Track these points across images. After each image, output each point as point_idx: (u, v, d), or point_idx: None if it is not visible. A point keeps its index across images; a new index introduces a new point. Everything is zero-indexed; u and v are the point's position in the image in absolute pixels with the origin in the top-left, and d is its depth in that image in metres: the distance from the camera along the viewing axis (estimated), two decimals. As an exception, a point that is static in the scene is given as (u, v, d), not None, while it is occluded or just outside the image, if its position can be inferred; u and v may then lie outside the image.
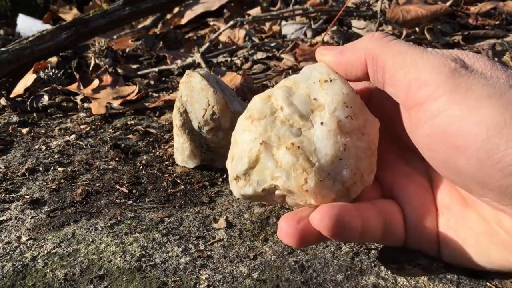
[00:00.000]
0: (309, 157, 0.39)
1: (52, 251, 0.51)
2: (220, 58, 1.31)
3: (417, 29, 1.36)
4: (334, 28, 1.41)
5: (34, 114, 0.93)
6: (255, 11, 1.72)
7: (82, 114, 0.95)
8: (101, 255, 0.50)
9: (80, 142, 0.80)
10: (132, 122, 0.90)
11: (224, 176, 0.67)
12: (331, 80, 0.42)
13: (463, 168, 0.34)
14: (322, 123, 0.40)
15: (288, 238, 0.39)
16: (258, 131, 0.41)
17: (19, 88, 1.03)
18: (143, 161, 0.72)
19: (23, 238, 0.54)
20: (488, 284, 0.44)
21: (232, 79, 1.04)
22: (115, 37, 1.57)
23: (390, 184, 0.46)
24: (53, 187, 0.65)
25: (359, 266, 0.47)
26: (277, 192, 0.41)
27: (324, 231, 0.37)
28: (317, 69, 0.43)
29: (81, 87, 1.05)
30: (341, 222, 0.37)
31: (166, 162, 0.72)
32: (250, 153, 0.41)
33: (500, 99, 0.32)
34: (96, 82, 1.07)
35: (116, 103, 0.97)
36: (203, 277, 0.46)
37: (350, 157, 0.39)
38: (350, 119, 0.40)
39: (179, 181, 0.66)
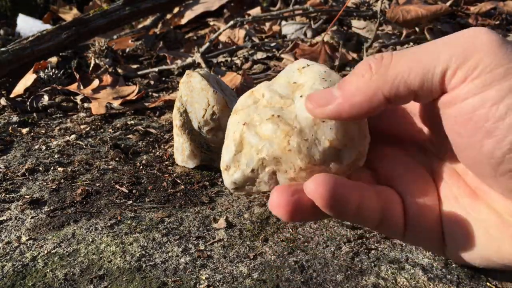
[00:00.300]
0: (290, 122, 0.39)
1: (52, 251, 0.51)
2: (220, 58, 1.31)
3: (417, 29, 1.36)
4: (334, 28, 1.41)
5: (34, 114, 0.94)
6: (255, 11, 1.72)
7: (82, 114, 0.95)
8: (101, 255, 0.50)
9: (80, 142, 0.80)
10: (132, 122, 0.90)
11: (224, 176, 0.67)
12: (308, 66, 0.42)
13: (488, 152, 0.33)
14: (301, 96, 0.40)
15: (280, 209, 0.37)
16: (241, 117, 0.42)
17: (19, 88, 1.03)
18: (143, 161, 0.72)
19: (23, 238, 0.54)
20: (488, 284, 0.44)
21: (232, 79, 1.04)
22: (115, 37, 1.57)
23: (388, 174, 0.43)
24: (53, 187, 0.65)
25: (359, 266, 0.47)
26: (266, 169, 0.40)
27: (318, 201, 0.35)
28: (296, 62, 0.44)
29: (81, 87, 1.05)
30: (337, 194, 0.35)
31: (166, 162, 0.72)
32: (234, 136, 0.41)
33: None
34: (96, 82, 1.07)
35: (116, 103, 0.97)
36: (203, 277, 0.46)
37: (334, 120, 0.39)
38: None
39: (179, 181, 0.66)
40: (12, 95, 1.02)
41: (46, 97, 1.01)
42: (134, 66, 1.29)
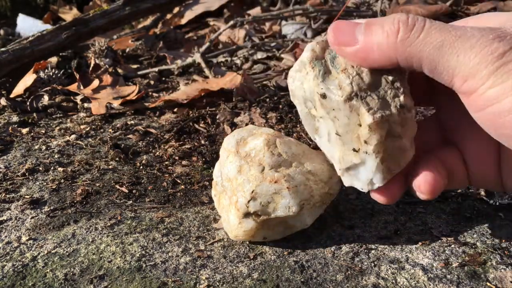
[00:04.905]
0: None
1: (52, 251, 0.51)
2: (220, 58, 1.31)
3: (417, 29, 1.36)
4: (334, 28, 1.41)
5: (34, 114, 0.93)
6: (255, 11, 1.72)
7: (82, 114, 0.95)
8: (101, 255, 0.50)
9: (80, 142, 0.80)
10: (132, 122, 0.90)
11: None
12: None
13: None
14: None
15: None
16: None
17: (19, 88, 1.03)
18: (143, 161, 0.72)
19: (23, 238, 0.54)
20: (488, 284, 0.44)
21: (232, 79, 1.04)
22: (115, 37, 1.57)
23: (452, 129, 0.46)
24: (53, 187, 0.65)
25: (359, 266, 0.47)
26: None
27: (425, 197, 0.43)
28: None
29: (81, 87, 1.05)
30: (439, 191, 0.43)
31: (166, 162, 0.72)
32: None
33: None
34: (96, 82, 1.06)
35: (116, 103, 0.97)
36: (203, 277, 0.46)
37: None
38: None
39: (179, 181, 0.66)
40: (12, 95, 1.02)
41: (46, 97, 1.01)
42: (134, 66, 1.29)
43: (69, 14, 1.95)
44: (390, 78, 0.41)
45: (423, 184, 0.43)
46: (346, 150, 0.43)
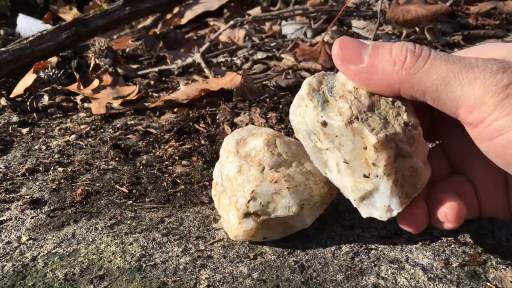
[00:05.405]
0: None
1: (52, 251, 0.51)
2: (220, 58, 1.31)
3: (417, 29, 1.36)
4: (334, 28, 1.41)
5: (34, 114, 0.93)
6: (255, 11, 1.72)
7: (82, 114, 0.95)
8: (101, 255, 0.50)
9: (80, 142, 0.80)
10: (132, 122, 0.90)
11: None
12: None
13: None
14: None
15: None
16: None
17: (19, 88, 1.03)
18: (143, 161, 0.72)
19: (23, 238, 0.54)
20: (488, 284, 0.44)
21: (232, 79, 1.04)
22: (115, 37, 1.57)
23: (458, 159, 0.46)
24: (53, 187, 0.65)
25: (359, 266, 0.47)
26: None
27: (452, 225, 0.42)
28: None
29: (81, 87, 1.05)
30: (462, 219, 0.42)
31: (166, 162, 0.72)
32: None
33: None
34: (96, 82, 1.06)
35: (116, 103, 0.97)
36: (203, 277, 0.46)
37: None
38: None
39: (179, 181, 0.66)
40: (12, 95, 1.02)
41: (46, 97, 1.01)
42: (134, 66, 1.29)
43: (69, 14, 1.95)
44: (390, 98, 0.40)
45: (449, 212, 0.42)
46: (357, 177, 0.42)
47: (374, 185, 0.41)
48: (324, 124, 0.41)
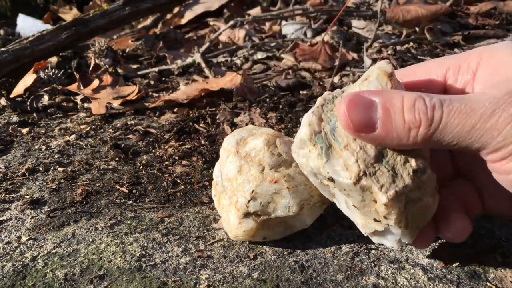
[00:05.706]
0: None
1: (52, 251, 0.51)
2: (220, 58, 1.31)
3: (417, 29, 1.36)
4: (334, 28, 1.41)
5: (34, 114, 0.93)
6: (255, 11, 1.72)
7: (82, 114, 0.95)
8: (101, 255, 0.50)
9: (80, 142, 0.80)
10: (132, 122, 0.90)
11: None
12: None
13: None
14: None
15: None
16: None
17: (19, 88, 1.03)
18: (143, 161, 0.72)
19: (23, 238, 0.54)
20: (488, 284, 0.44)
21: (232, 79, 1.04)
22: (115, 37, 1.57)
23: (463, 160, 0.47)
24: (53, 187, 0.65)
25: (359, 266, 0.47)
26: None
27: (460, 241, 0.44)
28: None
29: (81, 87, 1.05)
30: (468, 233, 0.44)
31: (166, 162, 0.72)
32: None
33: None
34: (96, 82, 1.06)
35: (116, 103, 0.97)
36: (203, 277, 0.46)
37: None
38: None
39: (179, 181, 0.66)
40: (12, 95, 1.02)
41: (46, 97, 1.01)
42: (134, 66, 1.29)
43: (69, 14, 1.95)
44: None
45: (460, 231, 0.43)
46: (367, 218, 0.42)
47: (385, 229, 0.41)
48: (331, 180, 0.40)
